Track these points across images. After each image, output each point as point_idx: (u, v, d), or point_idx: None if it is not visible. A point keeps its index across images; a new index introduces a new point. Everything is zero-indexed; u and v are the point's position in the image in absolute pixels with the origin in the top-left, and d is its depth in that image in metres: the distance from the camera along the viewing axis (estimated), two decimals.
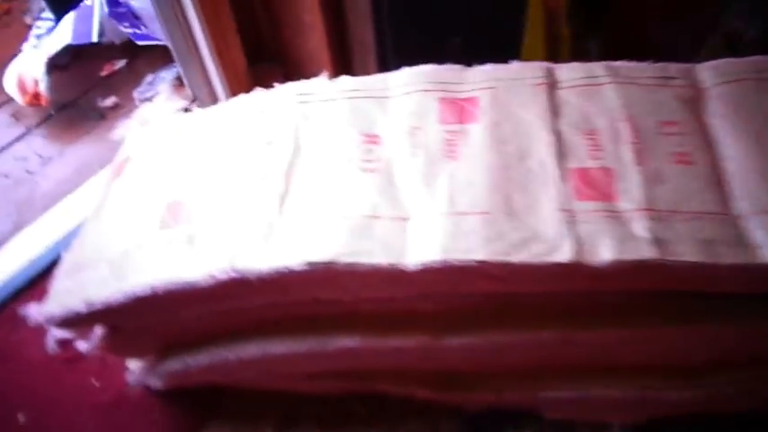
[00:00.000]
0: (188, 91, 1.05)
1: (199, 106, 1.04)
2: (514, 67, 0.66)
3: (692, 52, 0.89)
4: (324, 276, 0.53)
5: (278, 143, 0.63)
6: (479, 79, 0.65)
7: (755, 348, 0.61)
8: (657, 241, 0.51)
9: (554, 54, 0.97)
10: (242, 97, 0.71)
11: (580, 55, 0.99)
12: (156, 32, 1.06)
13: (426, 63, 0.69)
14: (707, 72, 0.63)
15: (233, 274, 0.53)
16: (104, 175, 0.71)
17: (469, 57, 0.71)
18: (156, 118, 1.00)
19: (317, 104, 0.66)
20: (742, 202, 0.54)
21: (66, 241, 0.87)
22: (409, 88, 0.65)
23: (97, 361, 0.74)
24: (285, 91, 0.68)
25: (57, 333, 0.62)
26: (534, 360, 0.63)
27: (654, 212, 0.53)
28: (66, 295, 0.59)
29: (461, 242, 0.52)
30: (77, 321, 0.59)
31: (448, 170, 0.58)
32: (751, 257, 0.50)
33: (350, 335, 0.60)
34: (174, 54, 0.99)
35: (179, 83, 1.05)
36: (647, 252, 0.51)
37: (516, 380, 0.66)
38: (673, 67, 0.64)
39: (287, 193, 0.58)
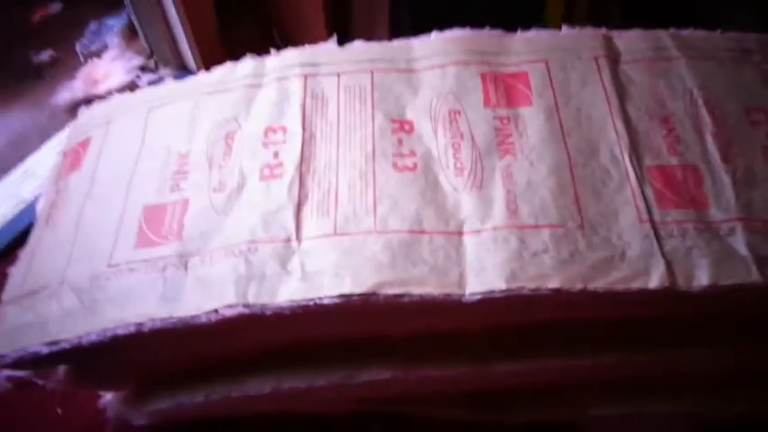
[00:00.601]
0: (143, 43, 0.89)
1: (157, 62, 0.88)
2: (565, 34, 0.55)
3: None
4: (359, 309, 0.43)
5: (283, 130, 0.51)
6: (526, 50, 0.54)
7: None
8: (761, 260, 0.43)
9: (570, 7, 0.86)
10: (228, 66, 0.56)
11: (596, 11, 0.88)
12: None
13: (448, 20, 0.57)
14: None
15: (243, 311, 0.42)
16: (54, 165, 0.57)
17: (493, 13, 0.60)
18: (107, 77, 0.83)
19: (328, 78, 0.53)
20: None
21: (5, 237, 0.73)
22: (442, 59, 0.53)
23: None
24: (285, 60, 0.55)
25: (7, 372, 0.50)
26: (587, 379, 0.56)
27: (751, 223, 0.45)
28: (20, 331, 0.46)
29: (531, 266, 0.42)
30: (37, 363, 0.47)
31: (501, 168, 0.47)
32: None
33: (381, 366, 0.50)
34: None
35: (131, 33, 0.88)
36: (750, 274, 0.42)
37: (560, 397, 0.58)
38: (751, 39, 0.54)
39: (304, 198, 0.47)
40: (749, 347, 0.51)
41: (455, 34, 0.54)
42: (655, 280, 0.42)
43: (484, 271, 0.43)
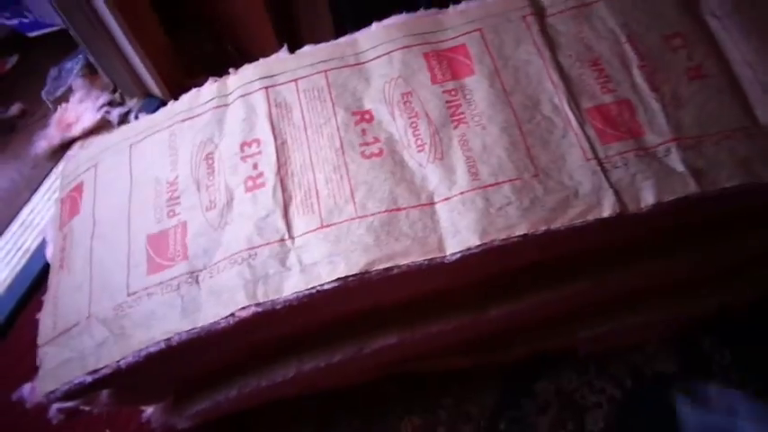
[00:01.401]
0: (104, 79, 0.91)
1: (123, 94, 0.91)
2: (493, 0, 0.59)
3: None
4: (357, 288, 0.48)
5: (257, 142, 0.55)
6: (460, 22, 0.58)
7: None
8: (696, 172, 0.49)
9: None
10: (194, 92, 0.61)
11: None
12: (46, 17, 0.90)
13: (386, 6, 0.61)
14: None
15: (256, 310, 0.47)
16: (54, 213, 0.61)
17: None
18: (78, 119, 0.87)
19: (287, 86, 0.57)
20: (766, 109, 0.52)
21: (19, 288, 0.77)
22: (387, 47, 0.57)
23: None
24: (244, 77, 0.59)
25: (58, 405, 0.55)
26: (570, 307, 0.62)
27: (684, 141, 0.50)
28: (62, 367, 0.51)
29: (498, 219, 0.48)
30: (83, 392, 0.52)
31: (457, 137, 0.52)
32: None
33: (386, 333, 0.56)
34: (79, 39, 0.85)
35: (91, 71, 0.91)
36: (689, 187, 0.48)
37: (551, 329, 0.65)
38: None
39: (288, 200, 0.52)
40: (703, 252, 0.57)
41: (394, 21, 0.59)
42: (607, 209, 0.48)
43: (459, 232, 0.48)
